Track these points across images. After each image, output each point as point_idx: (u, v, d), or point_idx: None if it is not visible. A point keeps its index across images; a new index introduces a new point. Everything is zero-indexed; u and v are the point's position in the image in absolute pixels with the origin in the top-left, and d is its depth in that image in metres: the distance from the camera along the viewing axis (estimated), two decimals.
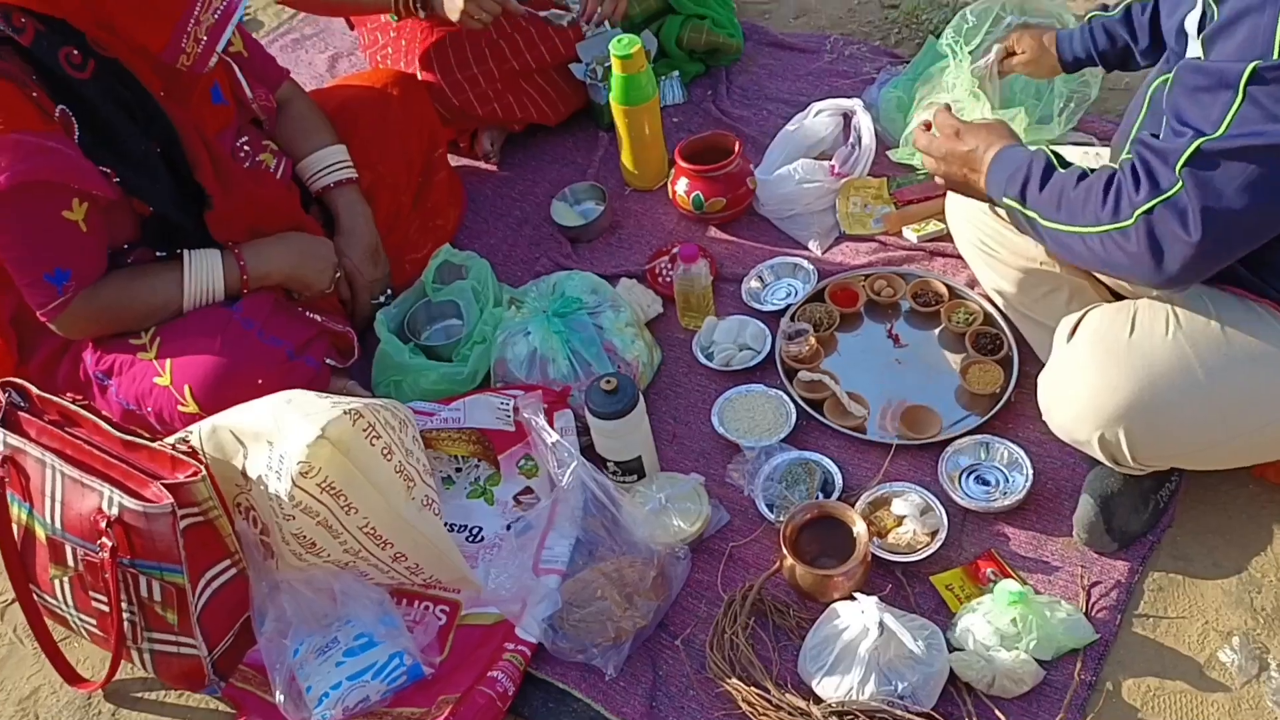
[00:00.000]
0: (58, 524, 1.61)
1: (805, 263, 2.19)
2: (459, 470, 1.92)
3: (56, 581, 1.66)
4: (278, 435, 1.55)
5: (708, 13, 2.61)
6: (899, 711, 1.49)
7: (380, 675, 1.61)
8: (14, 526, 1.68)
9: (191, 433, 1.64)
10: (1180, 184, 1.29)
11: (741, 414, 1.94)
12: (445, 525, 1.76)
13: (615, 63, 2.23)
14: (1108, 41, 1.97)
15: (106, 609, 1.61)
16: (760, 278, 2.19)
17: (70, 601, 1.67)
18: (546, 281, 2.07)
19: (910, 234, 2.22)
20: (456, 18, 2.19)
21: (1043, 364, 1.85)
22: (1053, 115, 2.20)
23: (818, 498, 1.78)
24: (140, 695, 1.77)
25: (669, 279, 2.17)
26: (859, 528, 1.66)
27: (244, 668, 1.70)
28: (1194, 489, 1.74)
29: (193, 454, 1.60)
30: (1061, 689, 1.55)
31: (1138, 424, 1.49)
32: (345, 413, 1.53)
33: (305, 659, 1.64)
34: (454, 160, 2.49)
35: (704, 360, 2.05)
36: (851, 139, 2.32)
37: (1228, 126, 1.25)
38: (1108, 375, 1.49)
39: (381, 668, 1.62)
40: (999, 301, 1.96)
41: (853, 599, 1.59)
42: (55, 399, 1.66)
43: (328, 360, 1.94)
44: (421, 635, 1.70)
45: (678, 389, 2.05)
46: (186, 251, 1.83)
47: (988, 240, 1.91)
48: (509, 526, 1.83)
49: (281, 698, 1.60)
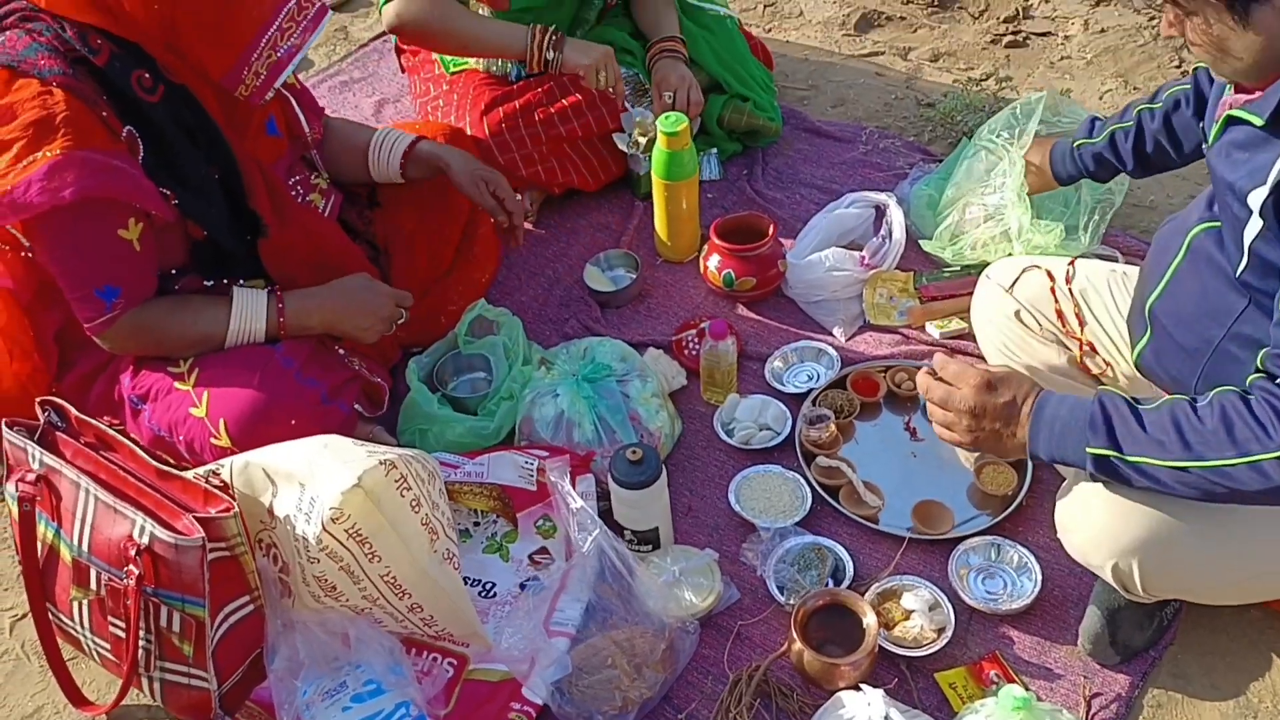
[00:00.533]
0: (85, 547, 1.63)
1: (829, 348, 2.23)
2: (477, 524, 1.95)
3: (75, 603, 1.68)
4: (310, 479, 1.58)
5: (751, 95, 2.69)
6: None
7: None
8: (39, 544, 1.70)
9: (223, 466, 1.67)
10: None
11: (758, 493, 1.97)
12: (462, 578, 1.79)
13: (661, 138, 2.30)
14: (1095, 164, 2.07)
15: (123, 635, 1.62)
16: (784, 359, 2.24)
17: (87, 624, 1.68)
18: (577, 345, 2.11)
19: (933, 329, 2.27)
20: (583, 71, 2.39)
21: (1056, 472, 1.89)
22: (1079, 227, 2.26)
23: (829, 584, 1.81)
24: None
25: (695, 352, 2.21)
26: (869, 619, 1.69)
27: (251, 704, 1.71)
28: (1197, 610, 1.76)
29: (225, 488, 1.63)
30: None
31: (1152, 558, 1.51)
32: (380, 463, 1.56)
33: (313, 701, 1.65)
34: None
35: (724, 436, 2.08)
36: (883, 232, 2.38)
37: None
38: (1126, 506, 1.50)
39: (387, 716, 1.63)
40: None
41: (858, 689, 1.61)
42: (93, 421, 1.69)
43: (357, 406, 1.97)
44: (429, 686, 1.71)
45: (696, 462, 2.08)
46: (236, 288, 1.87)
47: (1010, 345, 1.96)
48: (522, 585, 1.85)
49: None
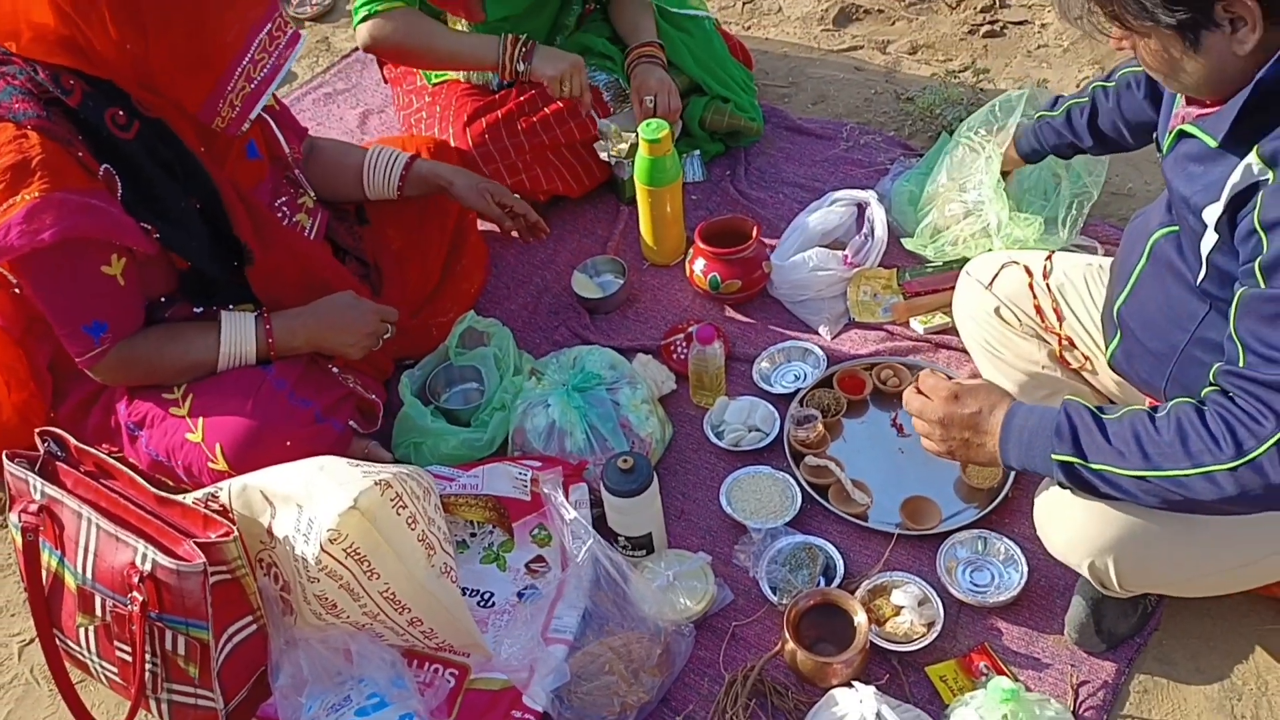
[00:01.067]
0: (89, 574, 1.66)
1: (815, 347, 2.27)
2: (473, 535, 1.98)
3: (82, 629, 1.71)
4: (308, 500, 1.61)
5: (731, 96, 2.71)
6: None
7: None
8: (44, 572, 1.73)
9: (221, 489, 1.70)
10: None
11: (749, 495, 2.01)
12: (460, 589, 1.82)
13: (643, 145, 2.32)
14: (1055, 138, 2.11)
15: (129, 659, 1.66)
16: (771, 359, 2.27)
17: (94, 649, 1.72)
18: (567, 355, 2.14)
19: (917, 325, 2.31)
20: (548, 81, 2.43)
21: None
22: (1058, 220, 2.29)
23: (820, 582, 1.85)
24: None
25: (683, 356, 2.24)
26: (860, 617, 1.73)
27: None
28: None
29: (224, 512, 1.66)
30: None
31: (1127, 556, 1.54)
32: (376, 483, 1.59)
33: (318, 715, 1.68)
34: (480, 226, 2.58)
35: (714, 439, 2.12)
36: (865, 230, 2.41)
37: None
38: (1100, 507, 1.53)
39: None
40: None
41: (851, 686, 1.65)
42: (92, 450, 1.72)
43: (351, 423, 2.01)
44: (431, 698, 1.75)
45: (687, 465, 2.12)
46: (223, 314, 1.89)
47: (992, 341, 2.00)
48: (520, 593, 1.89)
49: None
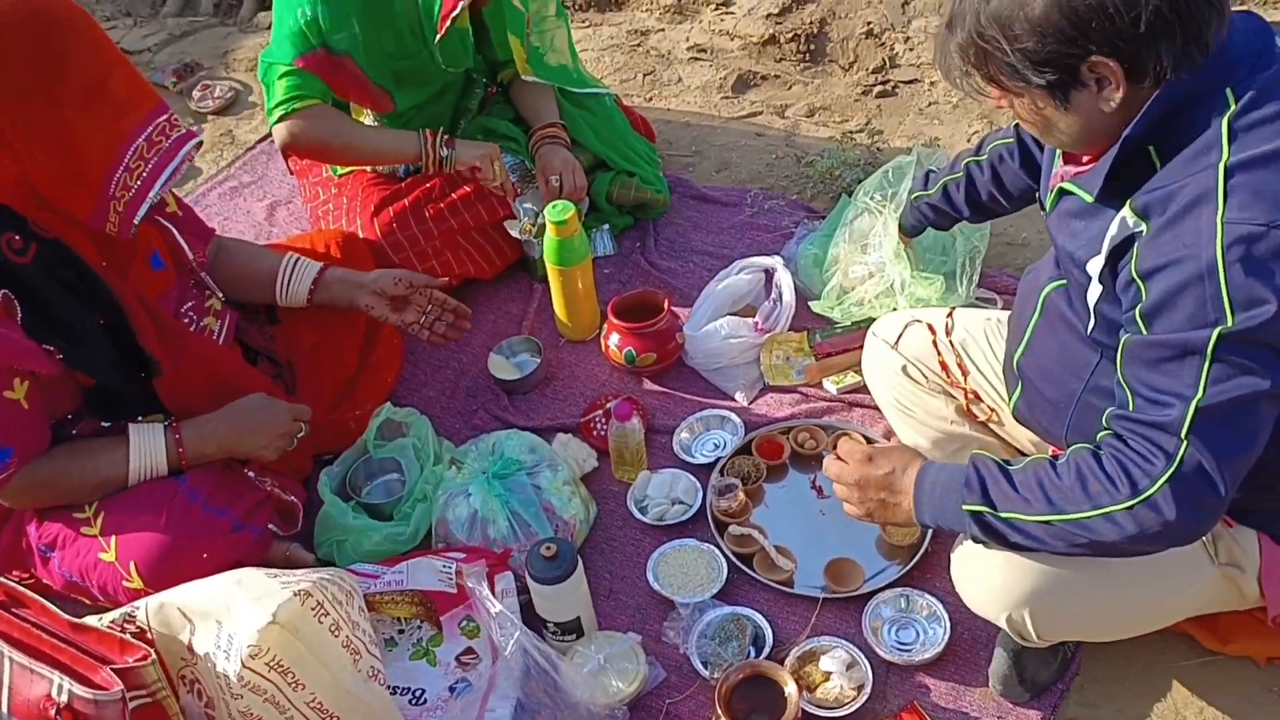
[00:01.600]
0: (4, 709, 1.61)
1: (732, 415, 2.30)
2: (401, 631, 1.96)
3: None
4: (227, 615, 1.59)
5: (636, 170, 2.76)
6: None
7: None
8: None
9: (138, 608, 1.67)
10: (1187, 446, 1.32)
11: (675, 569, 2.02)
12: (389, 689, 1.81)
13: (550, 227, 2.36)
14: (934, 214, 2.19)
15: None
16: (690, 429, 2.30)
17: None
18: (486, 441, 2.15)
19: (830, 385, 2.36)
20: (480, 163, 2.47)
21: None
22: (956, 275, 2.36)
23: (750, 654, 1.87)
24: None
25: (604, 433, 2.26)
26: (790, 688, 1.75)
27: None
28: None
29: (140, 634, 1.63)
30: None
31: (1041, 606, 1.59)
32: (295, 594, 1.58)
33: None
34: None
35: (638, 515, 2.13)
36: (773, 295, 2.46)
37: (1206, 387, 1.31)
38: (1013, 560, 1.57)
39: None
40: None
41: None
42: (2, 579, 1.68)
43: (271, 527, 1.99)
44: None
45: (613, 543, 2.13)
46: (131, 427, 1.87)
47: (902, 398, 2.04)
48: (452, 688, 1.87)
49: None
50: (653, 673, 1.87)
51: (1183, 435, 1.32)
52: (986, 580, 1.64)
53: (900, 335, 2.06)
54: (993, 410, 1.97)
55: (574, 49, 2.81)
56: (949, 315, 2.04)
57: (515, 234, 2.58)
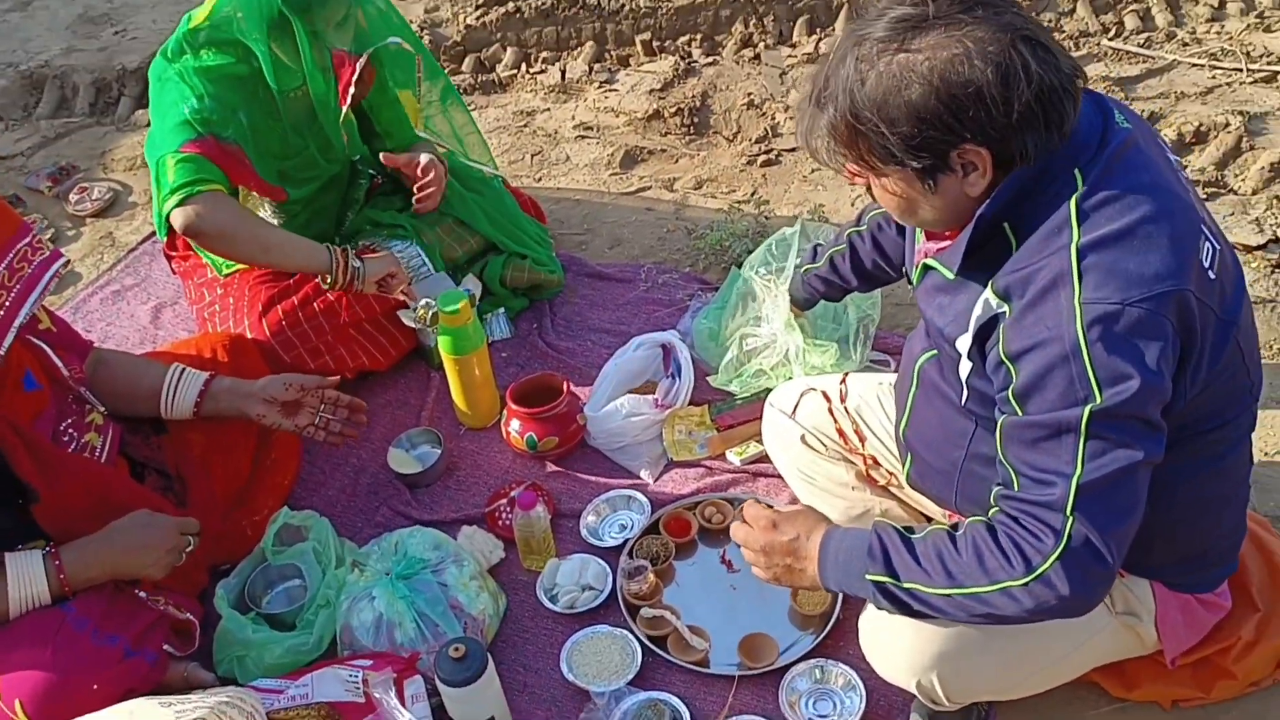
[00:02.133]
0: None
1: (638, 494, 2.30)
2: None
3: None
4: None
5: (528, 251, 2.77)
6: None
7: None
8: None
9: None
10: (1073, 523, 1.35)
11: (589, 658, 1.99)
12: None
13: (442, 317, 2.34)
14: (824, 286, 2.24)
15: None
16: (596, 511, 2.28)
17: None
18: (388, 540, 2.10)
19: (734, 457, 2.37)
20: (393, 272, 2.47)
21: None
22: (849, 341, 2.41)
23: None
24: None
25: (509, 521, 2.23)
26: None
27: None
28: None
29: None
30: None
31: (949, 670, 1.61)
32: None
33: None
34: None
35: (548, 604, 2.10)
36: (671, 370, 2.48)
37: (1084, 463, 1.34)
38: (918, 625, 1.58)
39: None
40: None
41: None
42: None
43: (166, 648, 1.90)
44: None
45: (525, 635, 2.09)
46: (8, 557, 1.78)
47: (803, 467, 2.06)
48: None
49: None
50: None
51: (1068, 512, 1.35)
52: (894, 645, 1.65)
53: (796, 404, 2.08)
54: (891, 474, 2.00)
55: (460, 135, 2.79)
56: (842, 382, 2.08)
57: (409, 323, 2.55)
